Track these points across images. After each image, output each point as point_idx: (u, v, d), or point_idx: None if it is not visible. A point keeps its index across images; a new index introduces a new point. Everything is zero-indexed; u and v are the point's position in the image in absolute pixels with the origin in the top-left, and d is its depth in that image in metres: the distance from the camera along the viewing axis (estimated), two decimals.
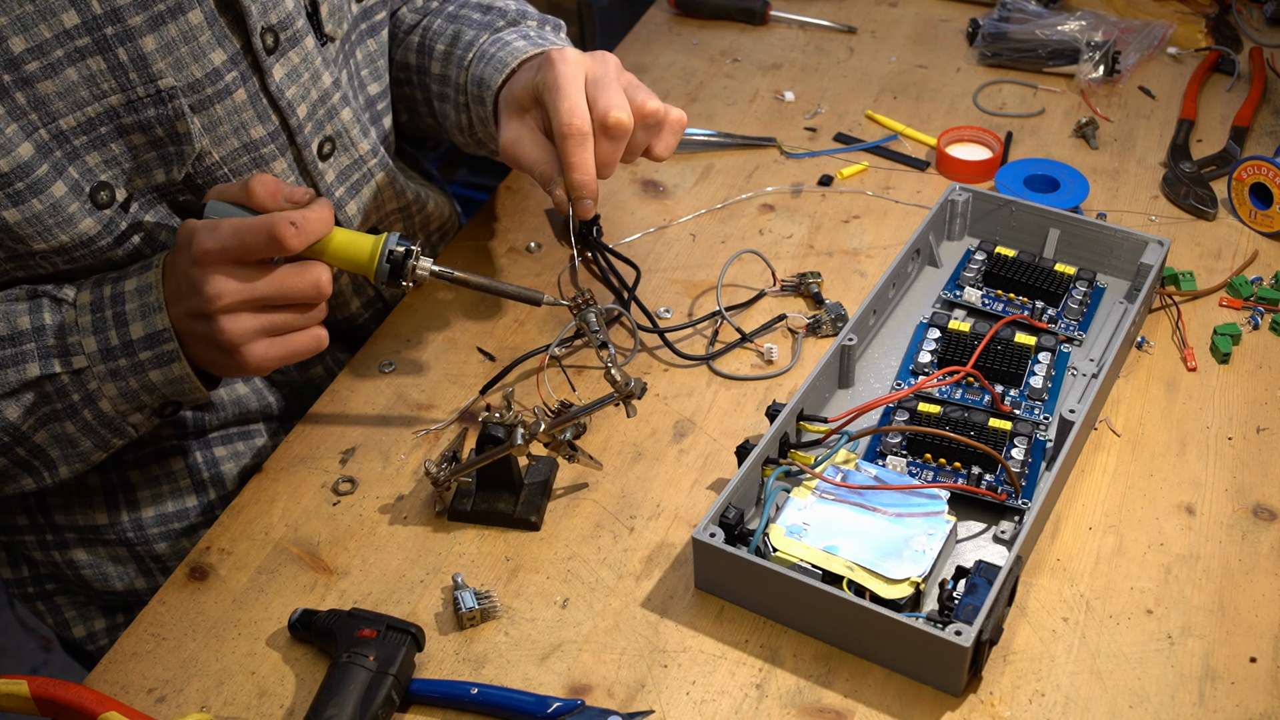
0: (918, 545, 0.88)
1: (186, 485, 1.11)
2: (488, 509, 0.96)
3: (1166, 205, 1.24)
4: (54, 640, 2.12)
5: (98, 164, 0.91)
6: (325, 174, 1.06)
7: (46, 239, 0.91)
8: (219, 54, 0.93)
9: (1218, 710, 0.83)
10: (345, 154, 1.07)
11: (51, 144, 0.88)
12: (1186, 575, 0.91)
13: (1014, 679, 0.85)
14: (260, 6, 0.95)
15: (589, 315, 0.99)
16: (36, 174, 0.88)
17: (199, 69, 0.92)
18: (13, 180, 0.87)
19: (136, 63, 0.89)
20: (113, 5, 0.87)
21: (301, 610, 0.89)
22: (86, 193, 0.91)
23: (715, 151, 1.33)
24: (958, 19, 1.53)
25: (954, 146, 1.31)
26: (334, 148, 1.06)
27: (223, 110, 0.95)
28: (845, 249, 1.20)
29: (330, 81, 1.04)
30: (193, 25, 0.91)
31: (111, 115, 0.90)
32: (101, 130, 0.90)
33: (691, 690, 0.85)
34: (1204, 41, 1.47)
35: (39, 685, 0.81)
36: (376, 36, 1.12)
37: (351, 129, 1.07)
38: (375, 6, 1.11)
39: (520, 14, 1.15)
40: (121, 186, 0.93)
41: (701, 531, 0.88)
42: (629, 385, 0.93)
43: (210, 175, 0.97)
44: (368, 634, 0.85)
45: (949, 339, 1.04)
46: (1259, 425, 1.01)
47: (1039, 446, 0.97)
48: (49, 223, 0.90)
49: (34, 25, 0.85)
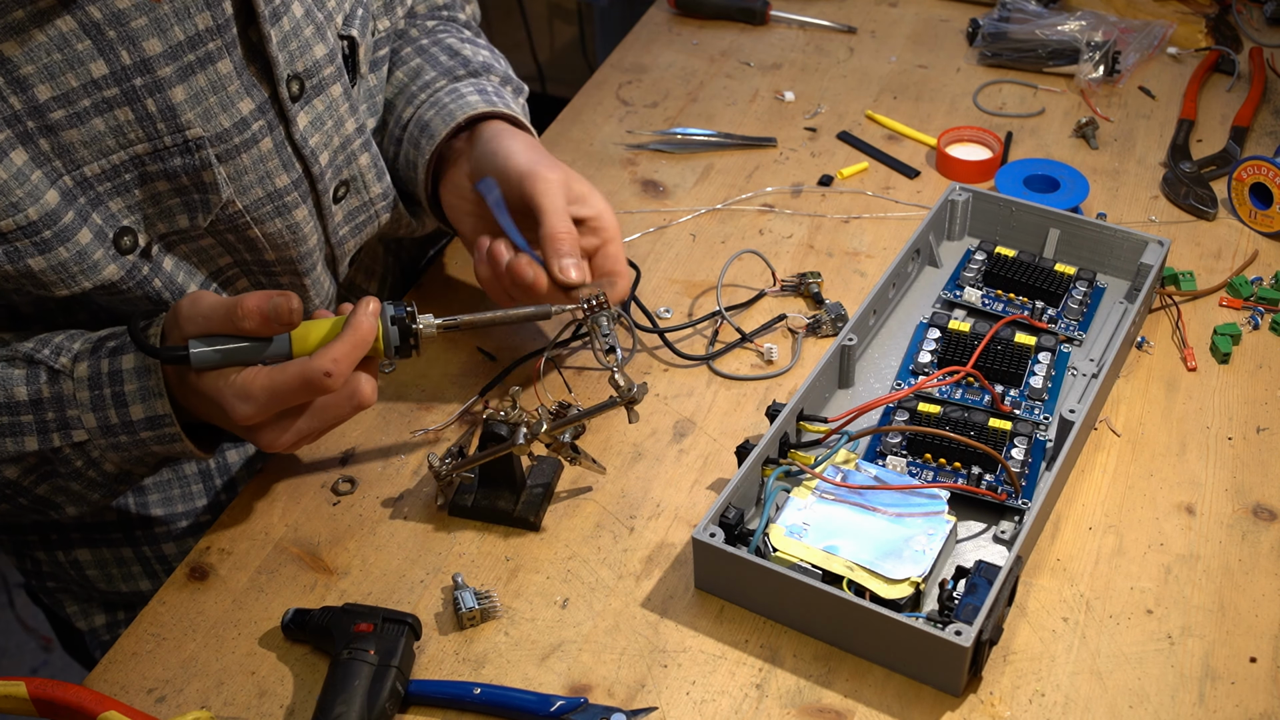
0: (918, 545, 0.88)
1: (198, 489, 1.11)
2: (488, 506, 0.96)
3: (1166, 205, 1.24)
4: (54, 640, 2.12)
5: (120, 209, 0.89)
6: (334, 215, 1.04)
7: (70, 285, 0.89)
8: (247, 103, 0.91)
9: (1218, 710, 0.83)
10: (356, 196, 1.06)
11: (75, 190, 0.86)
12: (1186, 575, 0.91)
13: (1014, 679, 0.85)
14: (288, 55, 0.93)
15: (600, 318, 0.97)
16: (63, 222, 0.86)
17: (227, 119, 0.90)
18: (40, 229, 0.85)
19: (165, 113, 0.87)
20: (142, 56, 0.85)
21: (294, 610, 0.89)
22: (110, 238, 0.89)
23: (715, 151, 1.33)
24: (958, 19, 1.53)
25: (954, 146, 1.31)
26: (348, 191, 1.04)
27: (248, 159, 0.93)
28: (845, 249, 1.20)
29: (354, 128, 1.02)
30: (222, 75, 0.89)
31: (137, 163, 0.88)
32: (126, 177, 0.88)
33: (691, 690, 0.85)
34: (1204, 41, 1.47)
35: (37, 686, 0.81)
36: (378, 73, 1.10)
37: (368, 173, 1.05)
38: (382, 42, 1.09)
39: (485, 66, 1.13)
40: (143, 231, 0.91)
41: (701, 531, 0.88)
42: (632, 391, 0.92)
43: (233, 223, 0.95)
44: (365, 628, 0.85)
45: (949, 339, 1.04)
46: (1259, 425, 1.01)
47: (1039, 446, 0.97)
48: (74, 270, 0.88)
49: (61, 74, 0.82)
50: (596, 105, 1.41)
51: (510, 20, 2.59)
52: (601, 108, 1.40)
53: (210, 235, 0.96)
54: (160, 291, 0.95)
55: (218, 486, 1.12)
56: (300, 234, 1.00)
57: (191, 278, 0.98)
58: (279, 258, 1.00)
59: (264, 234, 0.97)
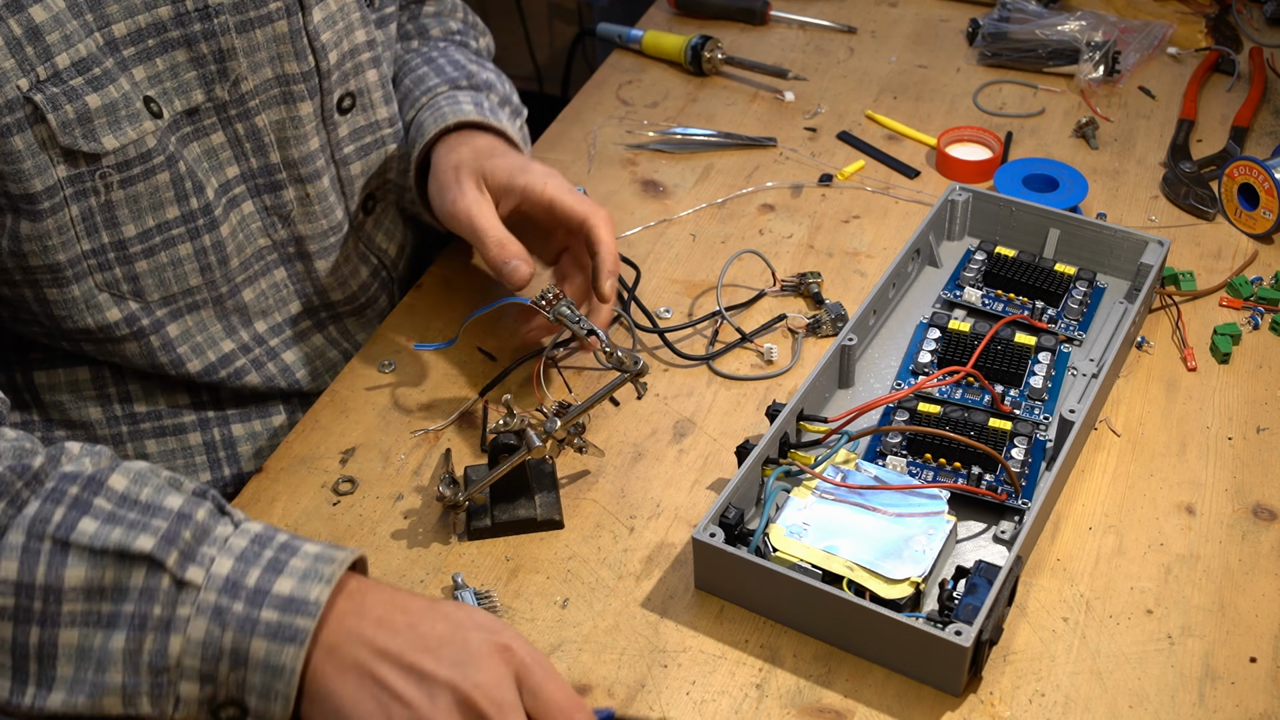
0: (918, 545, 0.88)
1: (202, 462, 1.10)
2: (509, 520, 0.95)
3: (1166, 205, 1.24)
4: None
5: (142, 79, 0.93)
6: (339, 127, 1.07)
7: (117, 134, 0.92)
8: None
9: (1218, 710, 0.83)
10: (363, 114, 1.09)
11: (106, 49, 0.90)
12: (1186, 575, 0.91)
13: (1014, 679, 0.85)
14: None
15: (562, 309, 0.99)
16: (104, 65, 0.90)
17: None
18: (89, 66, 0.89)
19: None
20: None
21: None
22: (140, 101, 0.93)
23: (715, 151, 1.33)
24: (958, 19, 1.53)
25: (954, 146, 1.31)
26: (353, 104, 1.08)
27: (263, 37, 0.97)
28: (845, 249, 1.20)
29: (364, 40, 1.07)
30: None
31: (159, 28, 0.92)
32: (149, 43, 0.92)
33: (691, 690, 0.85)
34: (1204, 41, 1.47)
35: None
36: (385, 29, 1.13)
37: (374, 91, 1.10)
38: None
39: (487, 84, 1.17)
40: (165, 106, 0.95)
41: (701, 531, 0.88)
42: (637, 365, 0.95)
43: (242, 105, 0.99)
44: None
45: (949, 339, 1.04)
46: (1259, 425, 1.01)
47: (1039, 446, 0.97)
48: (121, 113, 0.91)
49: None
50: (596, 105, 1.41)
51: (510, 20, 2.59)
52: (601, 108, 1.40)
53: (221, 128, 0.99)
54: (185, 178, 0.97)
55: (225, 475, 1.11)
56: (303, 130, 1.03)
57: (210, 176, 1.00)
58: (284, 159, 1.03)
59: (269, 122, 1.01)
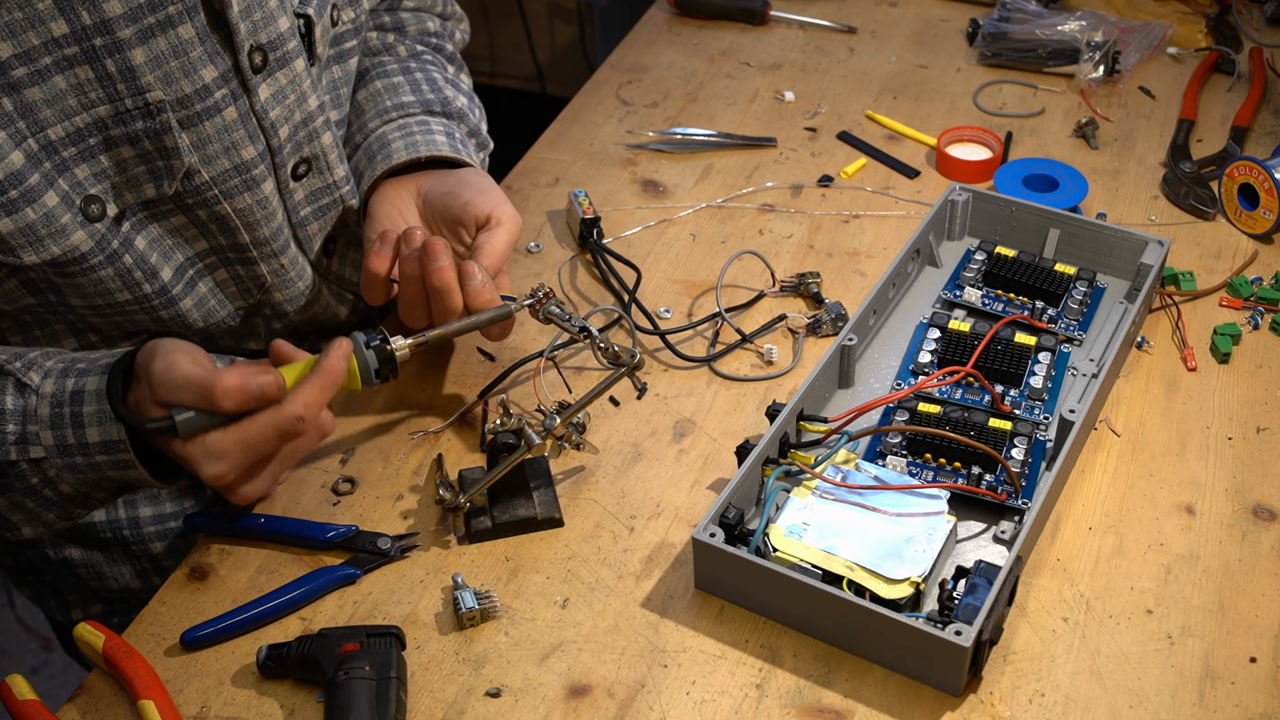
0: (918, 545, 0.88)
1: (185, 485, 1.10)
2: (510, 520, 0.95)
3: (1166, 205, 1.24)
4: (54, 640, 2.12)
5: (87, 177, 0.90)
6: (295, 193, 1.05)
7: (39, 250, 0.89)
8: (210, 70, 0.92)
9: (1218, 710, 0.83)
10: (319, 177, 1.07)
11: (41, 154, 0.87)
12: (1186, 575, 0.91)
13: (1014, 679, 0.85)
14: (250, 25, 0.94)
15: (551, 308, 0.99)
16: (29, 182, 0.87)
17: (188, 84, 0.91)
18: (6, 188, 0.86)
19: (124, 74, 0.88)
20: (102, 17, 0.86)
21: (267, 646, 0.87)
22: (77, 205, 0.90)
23: (715, 151, 1.33)
24: (958, 19, 1.53)
25: (954, 146, 1.31)
26: (309, 169, 1.05)
27: (212, 128, 0.94)
28: (845, 249, 1.20)
29: (316, 105, 1.03)
30: (183, 40, 0.90)
31: (100, 126, 0.89)
32: (90, 141, 0.89)
33: (691, 690, 0.85)
34: (1204, 41, 1.47)
35: (111, 645, 0.87)
36: (344, 65, 1.11)
37: (330, 154, 1.07)
38: (347, 34, 1.10)
39: (460, 113, 1.16)
40: (111, 201, 0.92)
41: (701, 531, 0.88)
42: (634, 359, 0.95)
43: (201, 196, 0.96)
44: (351, 648, 0.85)
45: (949, 339, 1.04)
46: (1259, 425, 1.01)
47: (1039, 446, 0.97)
48: (42, 233, 0.88)
49: (22, 32, 0.84)
50: (596, 105, 1.41)
51: (510, 20, 2.59)
52: (601, 108, 1.40)
53: (182, 212, 0.97)
54: (132, 269, 0.96)
55: (209, 494, 1.12)
56: (269, 209, 1.01)
57: (167, 260, 0.98)
58: (253, 239, 1.01)
59: (234, 209, 0.98)
